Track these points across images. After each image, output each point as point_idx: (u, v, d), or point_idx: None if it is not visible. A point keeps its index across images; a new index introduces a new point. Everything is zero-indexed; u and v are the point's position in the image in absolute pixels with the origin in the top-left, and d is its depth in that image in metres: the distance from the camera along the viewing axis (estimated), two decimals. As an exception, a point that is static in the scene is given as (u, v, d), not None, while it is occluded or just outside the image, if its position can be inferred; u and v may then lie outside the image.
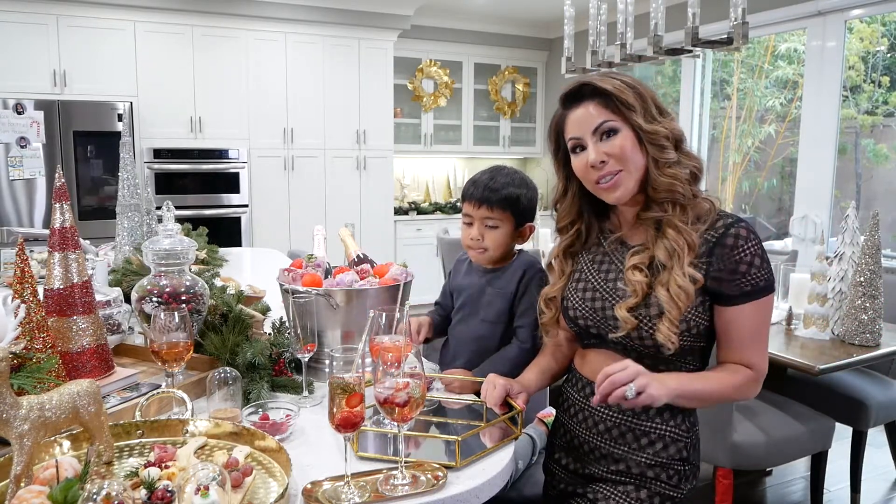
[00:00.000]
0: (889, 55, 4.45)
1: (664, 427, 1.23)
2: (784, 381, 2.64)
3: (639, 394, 1.07)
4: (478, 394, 1.46)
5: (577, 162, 1.24)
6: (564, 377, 1.44)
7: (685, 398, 1.17)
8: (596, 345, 1.30)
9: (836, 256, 2.44)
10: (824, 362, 2.09)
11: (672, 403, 1.17)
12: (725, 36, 2.44)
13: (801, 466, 2.95)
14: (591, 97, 1.22)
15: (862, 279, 2.27)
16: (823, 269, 2.42)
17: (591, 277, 1.29)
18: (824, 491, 2.49)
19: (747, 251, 1.15)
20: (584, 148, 1.22)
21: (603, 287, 1.26)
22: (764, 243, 1.19)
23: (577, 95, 1.24)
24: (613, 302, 1.23)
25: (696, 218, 1.19)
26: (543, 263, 1.42)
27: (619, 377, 1.07)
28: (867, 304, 2.26)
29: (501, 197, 1.52)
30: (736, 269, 1.15)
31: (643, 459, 1.23)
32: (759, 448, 2.16)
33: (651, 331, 1.17)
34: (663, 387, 1.10)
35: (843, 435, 2.57)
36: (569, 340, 1.41)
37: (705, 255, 1.17)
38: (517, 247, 1.64)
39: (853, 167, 4.55)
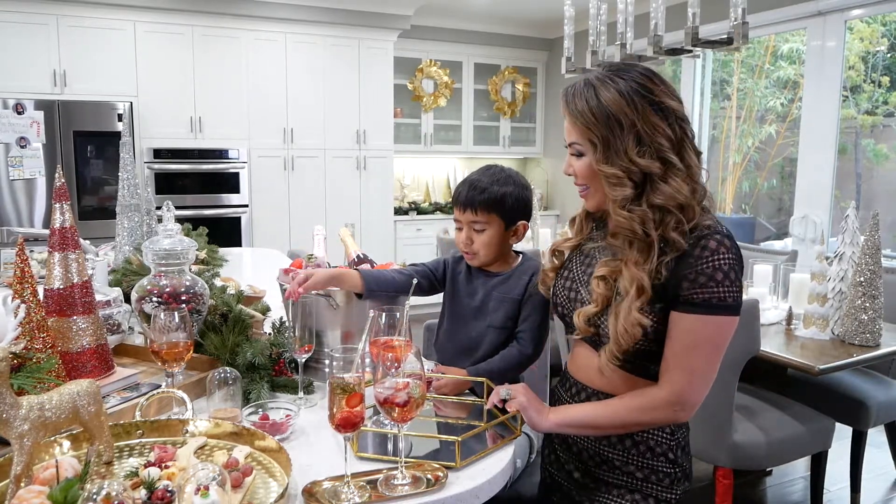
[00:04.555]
0: (889, 55, 4.45)
1: (647, 431, 1.22)
2: (784, 381, 2.64)
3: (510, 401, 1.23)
4: (475, 393, 1.46)
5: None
6: (558, 378, 1.42)
7: (573, 427, 1.22)
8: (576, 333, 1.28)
9: (836, 256, 2.44)
10: (824, 362, 2.09)
11: (560, 432, 1.27)
12: (725, 36, 2.43)
13: (801, 466, 2.95)
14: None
15: (862, 279, 2.27)
16: (823, 270, 2.42)
17: (574, 274, 1.29)
18: (824, 491, 2.49)
19: (710, 262, 1.07)
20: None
21: (578, 286, 1.26)
22: (764, 243, 1.16)
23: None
24: (581, 303, 1.23)
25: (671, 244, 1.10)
26: (570, 217, 1.38)
27: (502, 389, 1.25)
28: (867, 304, 2.26)
29: (485, 199, 1.50)
30: (693, 278, 1.08)
31: (631, 460, 1.23)
32: (759, 448, 2.16)
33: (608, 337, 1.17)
34: (542, 417, 1.21)
35: (843, 435, 2.57)
36: None
37: (673, 262, 1.10)
38: (516, 247, 1.62)
39: (853, 167, 4.55)
